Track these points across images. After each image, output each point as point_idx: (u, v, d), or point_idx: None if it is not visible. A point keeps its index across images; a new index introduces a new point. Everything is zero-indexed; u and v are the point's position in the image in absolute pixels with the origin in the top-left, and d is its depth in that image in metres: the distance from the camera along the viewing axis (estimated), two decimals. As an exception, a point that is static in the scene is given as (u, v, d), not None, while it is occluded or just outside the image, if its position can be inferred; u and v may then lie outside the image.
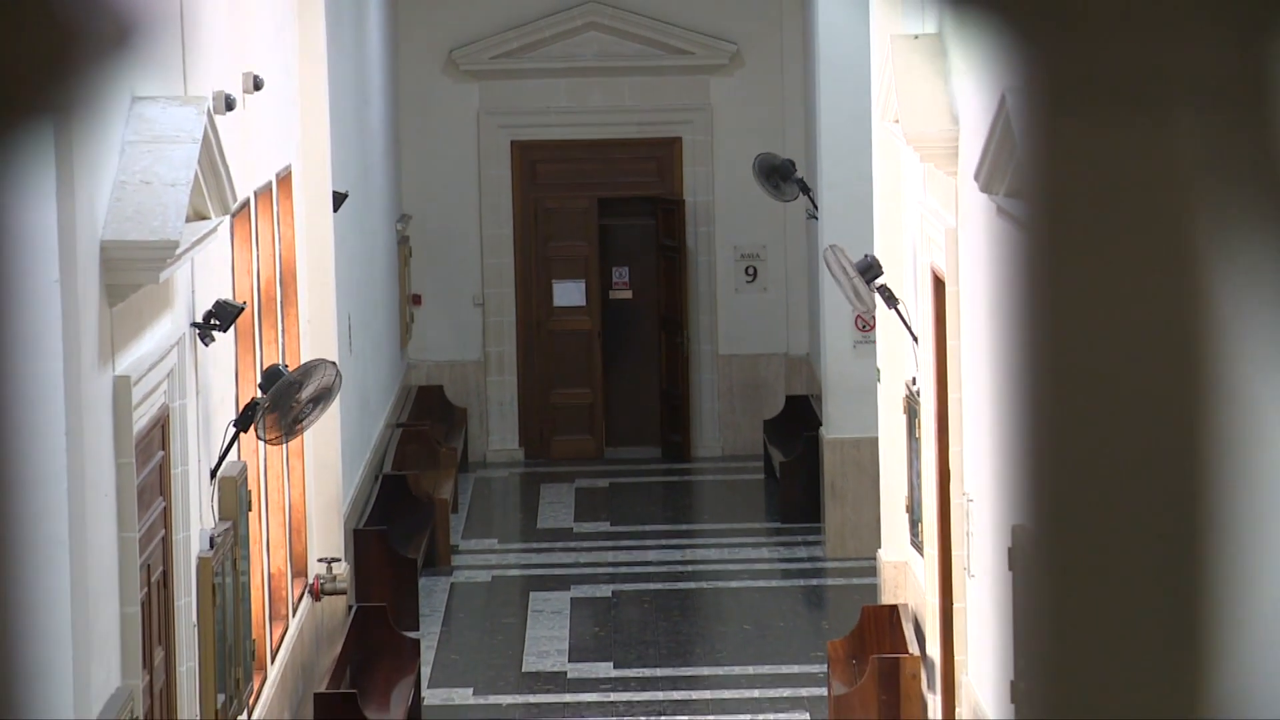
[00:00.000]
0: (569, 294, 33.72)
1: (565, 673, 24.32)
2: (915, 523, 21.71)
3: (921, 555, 21.27)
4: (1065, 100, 1.74)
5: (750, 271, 33.52)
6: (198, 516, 16.15)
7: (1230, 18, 1.57)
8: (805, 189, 29.48)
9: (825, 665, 22.31)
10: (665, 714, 22.91)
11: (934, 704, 20.11)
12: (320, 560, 22.39)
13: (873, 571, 24.35)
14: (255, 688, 18.50)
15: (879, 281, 22.16)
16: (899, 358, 22.63)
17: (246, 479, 17.81)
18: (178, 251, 13.89)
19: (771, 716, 22.58)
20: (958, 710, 19.19)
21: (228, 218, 16.25)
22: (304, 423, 18.04)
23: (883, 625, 21.82)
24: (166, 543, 15.14)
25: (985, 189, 15.55)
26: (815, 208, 28.84)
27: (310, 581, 21.93)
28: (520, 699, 23.50)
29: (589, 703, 23.33)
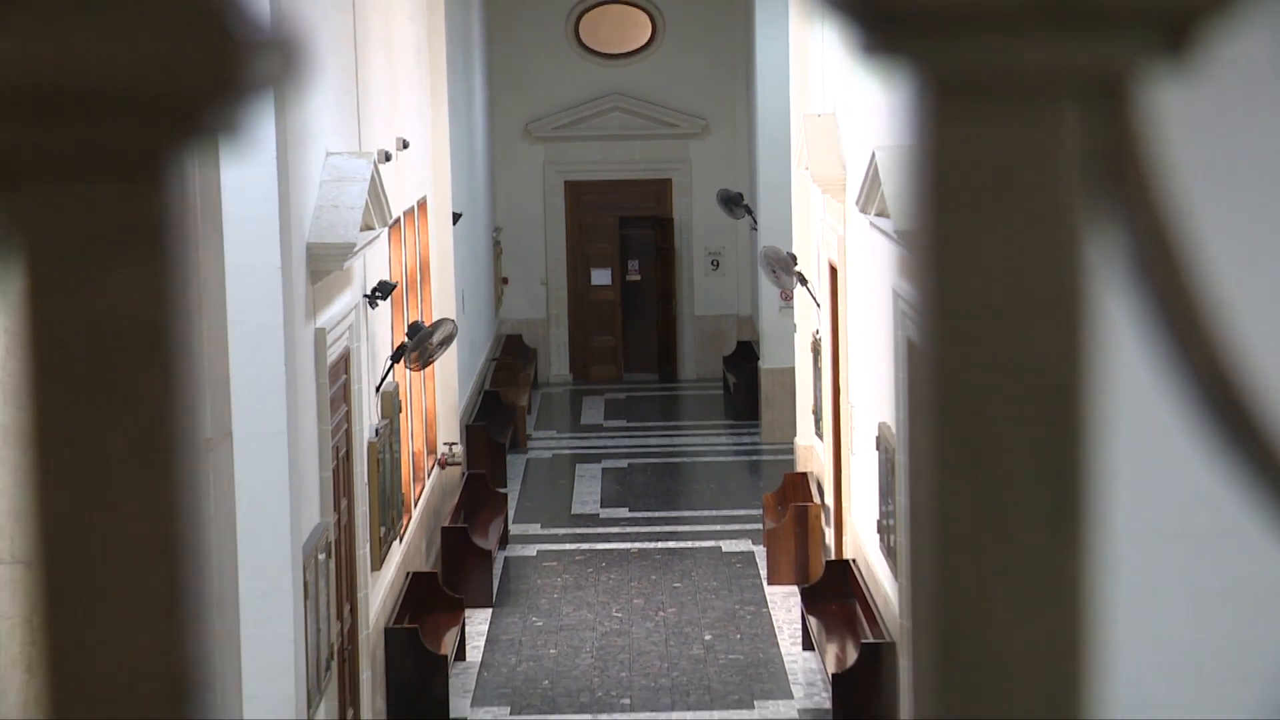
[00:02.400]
0: (601, 277, 33.69)
1: (598, 514, 24.23)
2: (818, 420, 21.69)
3: (821, 440, 21.33)
4: (954, 99, 1.21)
5: (714, 263, 33.28)
6: (368, 416, 16.13)
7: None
8: (749, 211, 28.60)
9: (761, 510, 22.14)
10: (661, 540, 22.71)
11: (830, 535, 20.06)
12: (444, 443, 22.14)
13: (791, 451, 24.05)
14: (404, 524, 18.32)
15: (796, 269, 22.62)
16: (808, 317, 22.42)
17: (397, 393, 17.62)
18: (354, 250, 13.99)
19: (728, 542, 22.29)
20: (845, 539, 19.23)
21: (386, 229, 16.21)
22: (433, 357, 18.23)
23: (798, 485, 21.60)
24: (348, 433, 15.06)
25: (862, 210, 15.98)
26: (755, 223, 28.43)
27: (438, 457, 21.71)
28: (570, 530, 23.35)
29: (613, 533, 23.16)
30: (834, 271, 20.04)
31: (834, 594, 18.38)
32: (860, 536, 18.39)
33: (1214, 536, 10.42)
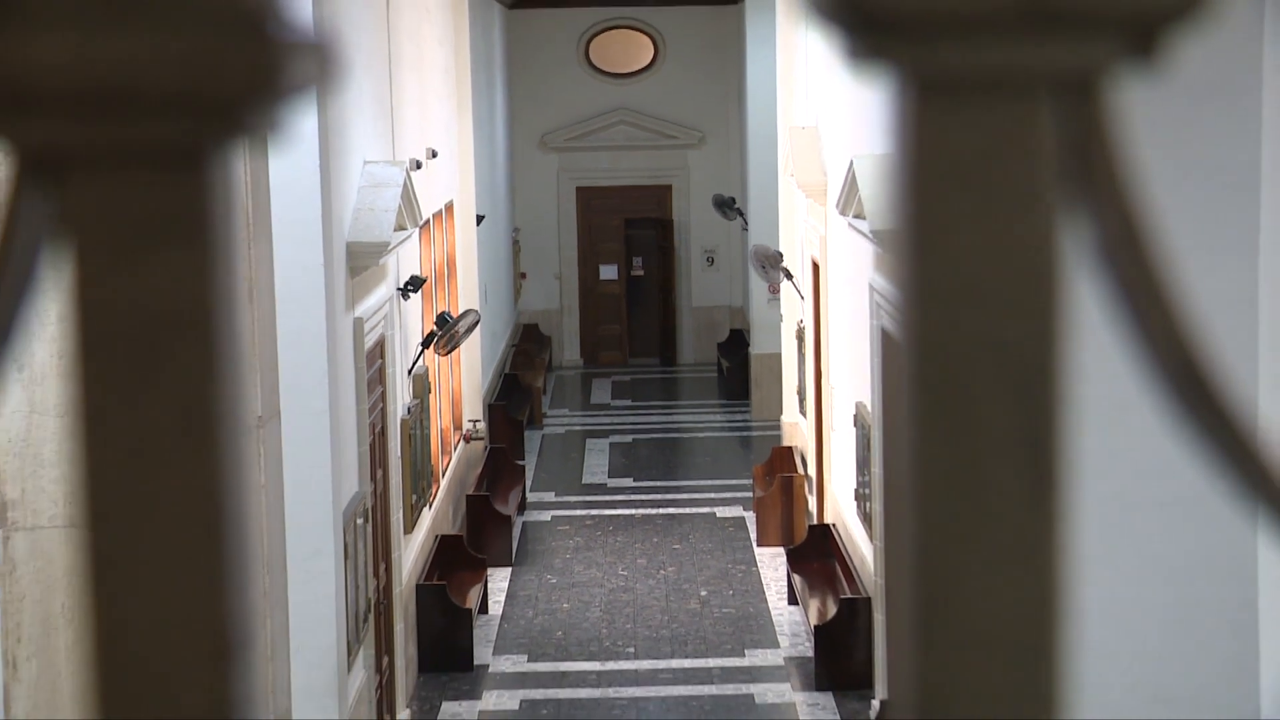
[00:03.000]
0: (608, 272, 33.68)
1: (606, 484, 24.35)
2: (801, 400, 21.75)
3: (805, 418, 21.40)
4: (935, 97, 1.13)
5: (710, 260, 33.27)
6: (400, 396, 16.14)
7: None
8: (740, 213, 28.72)
9: (751, 480, 22.26)
10: (662, 507, 22.78)
11: (812, 502, 20.08)
12: (469, 420, 22.24)
13: (778, 428, 24.02)
14: (433, 492, 18.42)
15: (782, 265, 22.64)
16: (793, 307, 22.38)
17: (427, 375, 17.67)
18: (388, 248, 14.06)
19: (721, 508, 22.39)
20: (825, 505, 19.23)
21: (416, 229, 16.22)
22: (459, 343, 18.50)
23: (784, 458, 21.62)
24: (383, 411, 15.11)
25: (841, 212, 16.02)
26: (746, 224, 28.50)
27: (463, 432, 21.80)
28: (580, 498, 23.47)
29: (619, 500, 23.25)
30: (816, 267, 20.10)
31: (816, 555, 18.46)
32: (839, 503, 18.48)
33: (1176, 504, 10.42)
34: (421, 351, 17.41)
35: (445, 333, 17.59)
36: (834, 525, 18.58)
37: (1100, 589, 10.27)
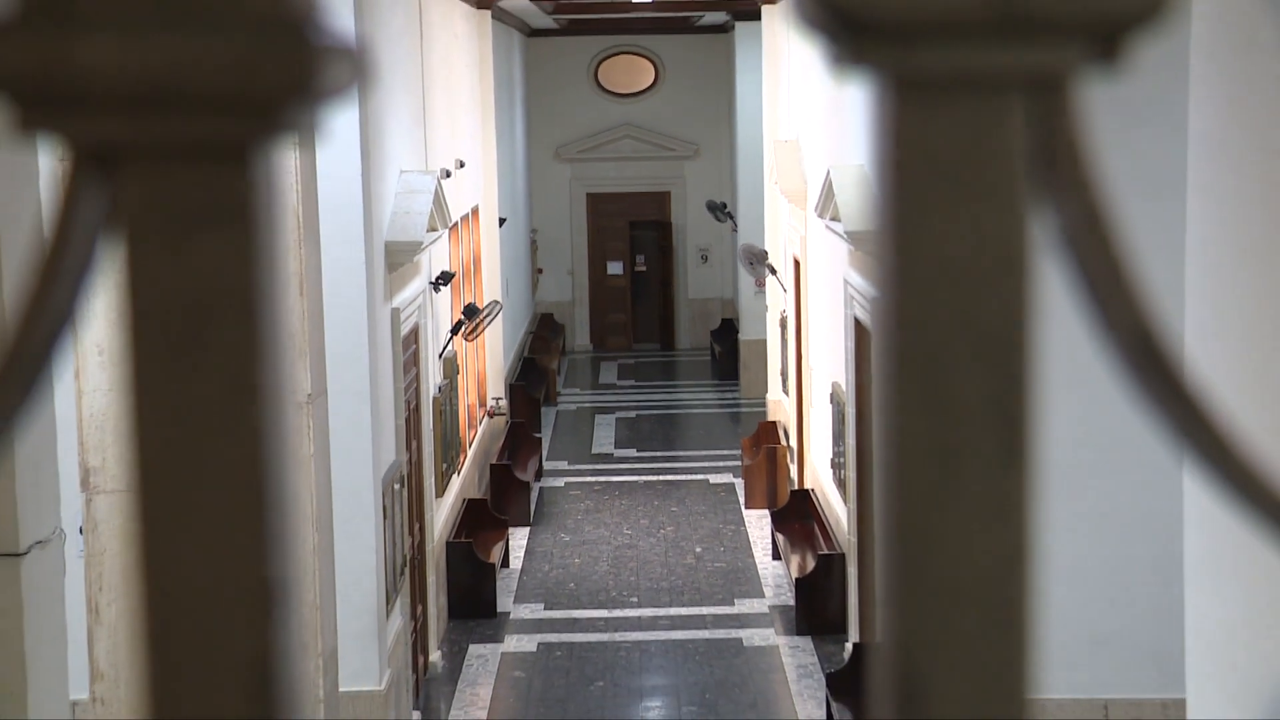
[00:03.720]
0: (615, 268, 33.60)
1: (612, 454, 24.28)
2: (784, 380, 21.66)
3: (787, 396, 21.29)
4: (915, 96, 0.73)
5: (704, 257, 33.17)
6: (432, 377, 16.10)
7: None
8: (731, 216, 28.73)
9: (739, 450, 22.22)
10: (661, 474, 22.77)
11: (793, 470, 20.07)
12: (492, 398, 22.27)
13: (763, 404, 23.99)
14: (461, 461, 18.43)
15: (767, 262, 22.67)
16: (777, 299, 22.33)
17: (455, 358, 17.67)
18: (421, 247, 14.03)
19: (714, 475, 22.34)
20: (805, 473, 19.21)
21: (446, 230, 16.38)
22: (484, 330, 18.55)
23: (768, 431, 21.61)
24: (417, 390, 15.10)
25: (819, 215, 16.00)
26: (735, 225, 28.37)
27: (487, 408, 21.81)
28: (590, 466, 23.41)
29: (624, 468, 23.21)
30: (797, 264, 20.11)
31: (797, 516, 18.50)
32: (817, 471, 18.48)
33: (1134, 469, 10.41)
34: (451, 337, 17.43)
35: (471, 321, 17.65)
36: (812, 490, 18.60)
37: (1065, 541, 10.26)
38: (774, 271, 21.97)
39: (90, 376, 7.74)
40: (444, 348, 17.06)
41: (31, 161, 5.73)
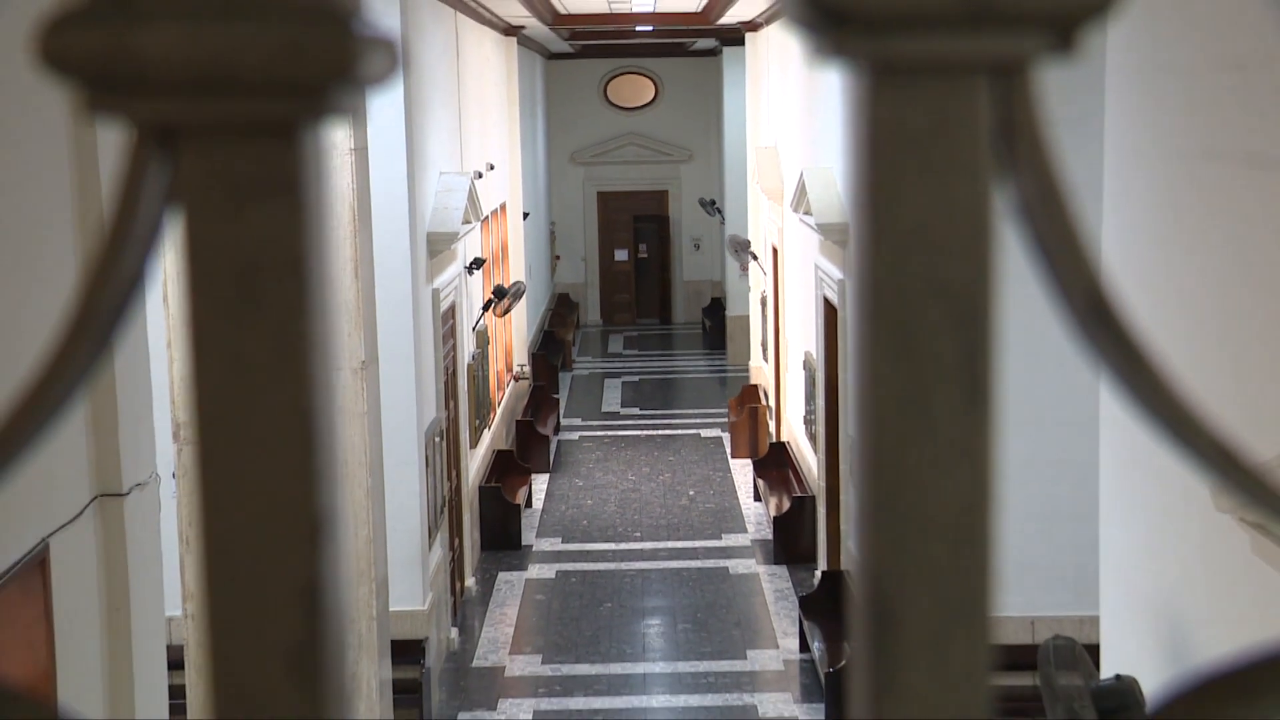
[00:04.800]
0: (621, 255, 33.47)
1: (619, 412, 24.33)
2: (764, 349, 21.68)
3: (767, 363, 21.26)
4: (890, 80, 0.56)
5: (696, 246, 33.04)
6: (467, 347, 16.10)
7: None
8: (719, 211, 29.08)
9: (726, 409, 22.28)
10: (660, 429, 22.77)
11: (772, 425, 20.05)
12: (518, 365, 22.29)
13: (747, 370, 23.86)
14: (491, 417, 18.44)
15: (750, 250, 22.71)
16: (758, 281, 22.31)
17: (486, 330, 17.78)
18: (457, 237, 13.98)
19: (705, 430, 22.40)
20: (782, 428, 19.27)
21: (478, 223, 16.49)
22: (511, 308, 18.57)
23: (751, 393, 21.58)
24: (454, 358, 15.10)
25: (794, 210, 16.09)
26: (723, 219, 28.41)
27: (513, 373, 21.81)
28: (600, 422, 23.46)
29: (629, 424, 23.29)
30: (775, 251, 20.15)
31: (775, 464, 18.57)
32: (792, 426, 18.53)
33: (1057, 423, 10.41)
34: (482, 314, 17.48)
35: (499, 298, 17.65)
36: (788, 442, 18.68)
37: (1023, 481, 10.25)
38: (755, 258, 22.02)
39: (180, 343, 7.80)
40: (477, 322, 17.14)
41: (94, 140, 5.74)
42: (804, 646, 13.72)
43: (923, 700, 0.52)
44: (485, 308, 17.50)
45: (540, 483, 19.65)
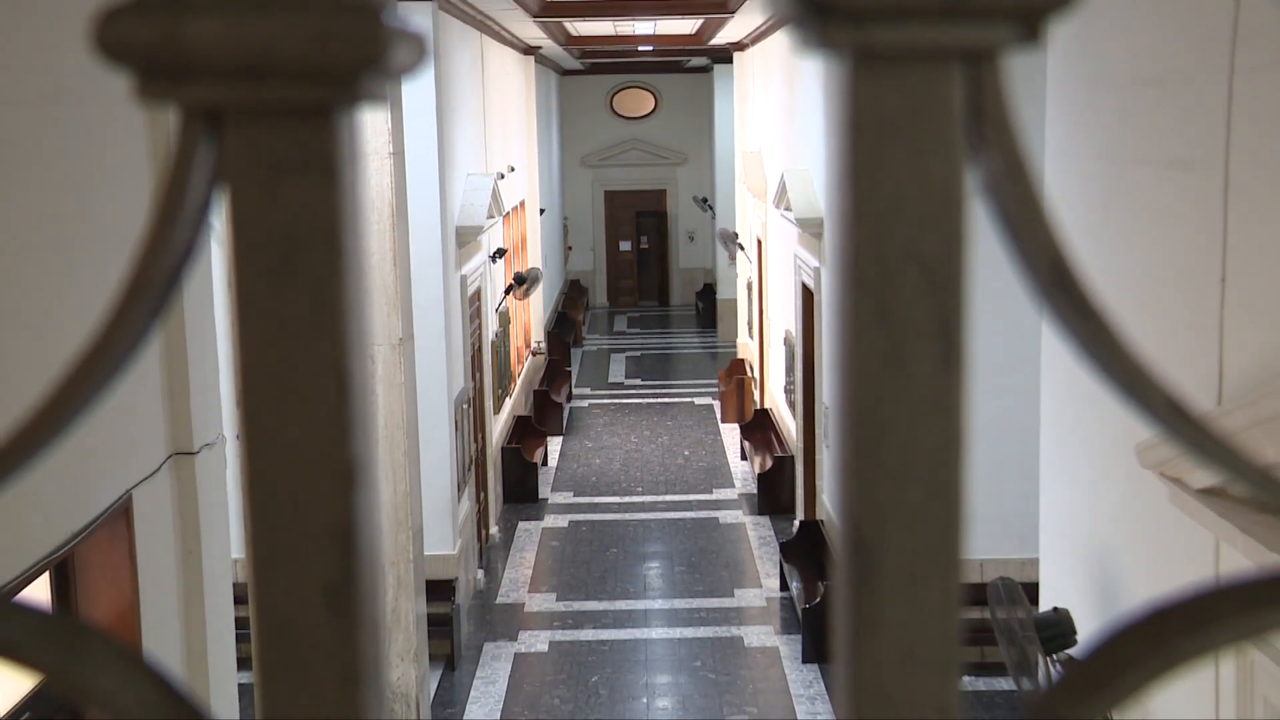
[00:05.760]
0: (625, 246, 33.22)
1: (624, 382, 24.21)
2: (750, 328, 21.63)
3: (752, 340, 21.22)
4: (870, 66, 0.48)
5: (690, 237, 32.80)
6: (490, 326, 16.03)
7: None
8: (710, 207, 29.17)
9: (717, 380, 22.33)
10: (659, 398, 22.70)
11: (757, 394, 20.04)
12: (535, 341, 22.24)
13: (734, 346, 24.12)
14: (512, 387, 18.36)
15: (737, 241, 22.70)
16: (744, 269, 22.26)
17: (508, 312, 17.81)
18: (482, 230, 13.82)
19: (698, 398, 22.31)
20: (765, 396, 19.30)
21: (501, 217, 16.50)
22: (530, 292, 18.55)
23: (738, 366, 21.53)
24: (480, 336, 15.02)
25: (776, 206, 16.06)
26: (714, 214, 28.33)
27: (531, 349, 21.71)
28: (607, 391, 23.35)
29: (632, 393, 23.17)
30: (759, 243, 20.10)
31: (759, 428, 18.57)
32: (774, 395, 18.51)
33: (1003, 389, 10.38)
34: (504, 297, 17.45)
35: (520, 283, 17.64)
36: (770, 409, 18.68)
37: (988, 431, 10.24)
38: (742, 248, 22.00)
39: (226, 308, 7.78)
40: (499, 304, 17.09)
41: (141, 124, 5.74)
42: (784, 586, 13.75)
43: (901, 632, 0.50)
44: (507, 292, 17.50)
45: (555, 444, 19.68)
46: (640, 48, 24.07)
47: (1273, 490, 0.51)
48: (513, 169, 19.06)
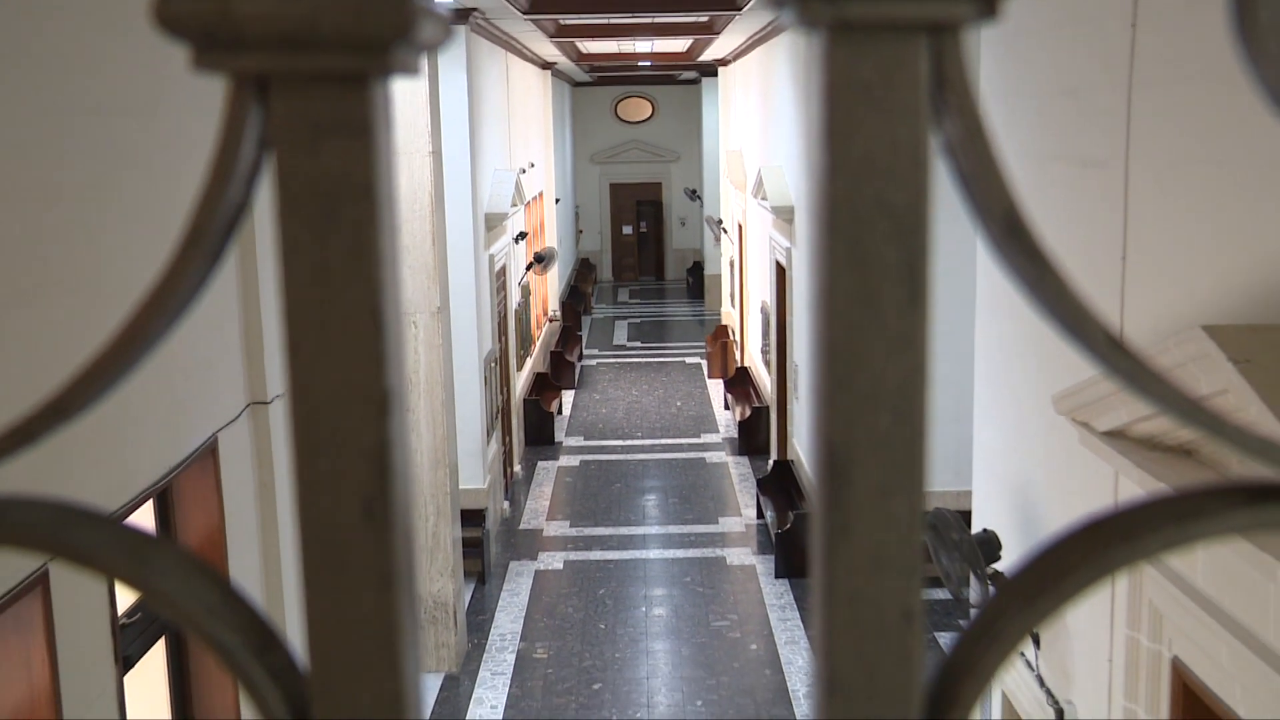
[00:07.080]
0: (627, 230, 32.95)
1: (626, 345, 24.10)
2: (732, 299, 21.75)
3: (734, 309, 21.20)
4: (842, 35, 0.42)
5: (682, 222, 32.58)
6: (514, 298, 15.96)
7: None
8: (699, 197, 29.08)
9: (704, 343, 22.52)
10: (656, 358, 22.62)
11: (739, 355, 20.04)
12: (551, 310, 22.13)
13: (719, 314, 24.33)
14: (532, 348, 18.34)
15: (721, 226, 22.63)
16: (728, 249, 22.22)
17: (528, 285, 17.81)
18: (507, 216, 13.76)
19: (688, 358, 22.29)
20: (745, 356, 19.39)
21: (523, 205, 16.48)
22: (548, 269, 18.51)
23: (722, 331, 21.41)
24: (504, 305, 14.98)
25: (754, 196, 15.99)
26: (702, 203, 28.25)
27: (548, 316, 21.62)
28: (612, 352, 23.27)
29: (633, 354, 23.09)
30: (740, 227, 20.01)
31: (740, 383, 18.58)
32: (752, 355, 18.51)
33: (938, 337, 10.36)
34: (526, 272, 17.39)
35: (539, 260, 17.59)
36: (749, 367, 18.67)
37: (949, 364, 10.15)
38: (726, 231, 21.94)
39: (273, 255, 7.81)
40: (521, 279, 17.05)
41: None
42: (760, 514, 13.80)
43: (870, 540, 0.48)
44: (528, 268, 17.45)
45: (568, 396, 19.70)
46: (640, 63, 23.97)
47: (1199, 417, 0.49)
48: (532, 165, 18.98)
